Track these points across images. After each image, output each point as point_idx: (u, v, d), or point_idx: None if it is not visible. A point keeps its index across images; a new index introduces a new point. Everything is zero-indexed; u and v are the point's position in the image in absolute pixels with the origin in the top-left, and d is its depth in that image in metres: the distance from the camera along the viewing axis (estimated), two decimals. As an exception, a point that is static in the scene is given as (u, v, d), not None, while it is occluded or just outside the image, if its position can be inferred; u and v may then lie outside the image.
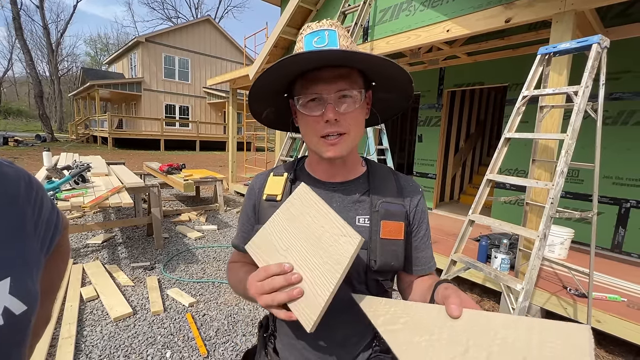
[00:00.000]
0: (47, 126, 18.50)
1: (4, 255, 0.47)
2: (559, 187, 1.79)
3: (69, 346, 1.95)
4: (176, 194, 6.38)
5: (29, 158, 10.55)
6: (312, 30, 0.64)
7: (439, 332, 0.45)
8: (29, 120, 37.05)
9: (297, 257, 0.55)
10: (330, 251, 0.53)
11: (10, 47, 38.76)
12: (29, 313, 0.48)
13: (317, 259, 0.53)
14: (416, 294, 0.71)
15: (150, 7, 45.51)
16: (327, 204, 0.59)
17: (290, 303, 0.51)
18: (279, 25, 4.74)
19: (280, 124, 0.81)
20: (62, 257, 0.69)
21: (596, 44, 1.83)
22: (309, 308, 0.50)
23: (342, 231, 0.54)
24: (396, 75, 0.64)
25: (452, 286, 0.53)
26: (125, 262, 3.24)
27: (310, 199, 0.61)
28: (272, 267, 0.54)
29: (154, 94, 17.99)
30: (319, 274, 0.51)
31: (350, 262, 0.51)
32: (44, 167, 3.87)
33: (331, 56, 0.58)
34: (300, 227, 0.58)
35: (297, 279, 0.52)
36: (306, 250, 0.55)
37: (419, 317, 0.47)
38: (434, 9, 3.17)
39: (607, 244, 3.54)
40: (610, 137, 3.38)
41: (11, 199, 0.52)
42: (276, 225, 0.61)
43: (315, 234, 0.56)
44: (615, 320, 2.08)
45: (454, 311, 0.45)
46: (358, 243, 0.51)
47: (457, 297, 0.47)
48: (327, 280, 0.50)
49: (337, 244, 0.53)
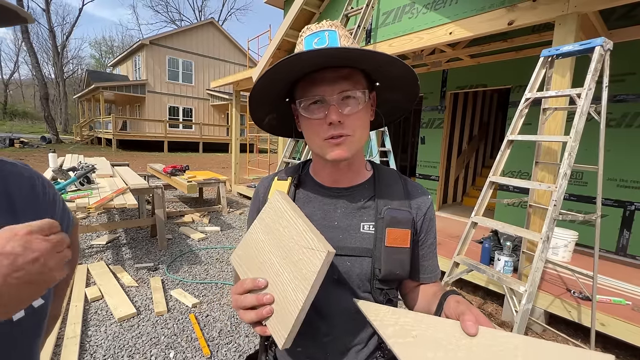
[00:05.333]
0: (52, 128, 18.66)
1: None
2: (562, 190, 1.79)
3: (74, 346, 1.97)
4: (179, 196, 6.41)
5: (35, 159, 10.64)
6: (312, 32, 0.63)
7: (454, 350, 0.42)
8: (34, 122, 37.40)
9: (272, 271, 0.53)
10: (299, 266, 0.50)
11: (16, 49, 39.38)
12: (45, 306, 0.52)
13: (288, 274, 0.50)
14: (420, 301, 0.70)
15: (154, 10, 46.02)
16: (300, 212, 0.56)
17: None
18: (282, 27, 4.77)
19: (283, 130, 0.80)
20: (72, 254, 0.70)
21: (599, 46, 1.83)
22: (281, 324, 0.48)
23: (310, 243, 0.50)
24: (401, 73, 0.62)
25: (463, 300, 0.51)
26: (129, 262, 3.26)
27: (281, 207, 0.57)
28: (247, 282, 0.53)
29: (158, 96, 18.12)
30: (290, 290, 0.49)
31: (319, 277, 0.47)
32: (50, 168, 3.91)
33: (331, 53, 0.55)
34: (274, 238, 0.56)
35: (269, 299, 0.50)
36: (279, 264, 0.53)
37: (432, 331, 0.45)
38: (437, 11, 3.18)
39: (611, 247, 3.51)
40: (614, 139, 3.37)
41: (29, 200, 0.54)
42: (253, 236, 0.59)
43: (286, 246, 0.53)
44: (620, 324, 2.07)
45: (470, 328, 0.43)
46: (325, 257, 0.47)
47: (472, 314, 0.45)
48: (297, 297, 0.47)
49: (306, 257, 0.49)
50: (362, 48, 0.53)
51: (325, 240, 0.50)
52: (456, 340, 0.43)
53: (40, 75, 19.00)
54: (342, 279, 0.66)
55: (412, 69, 0.60)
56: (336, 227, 0.68)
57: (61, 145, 16.08)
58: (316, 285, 0.48)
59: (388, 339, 0.44)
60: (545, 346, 0.40)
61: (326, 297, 0.66)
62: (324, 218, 0.69)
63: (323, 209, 0.69)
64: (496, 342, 0.41)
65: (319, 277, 0.47)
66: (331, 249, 0.48)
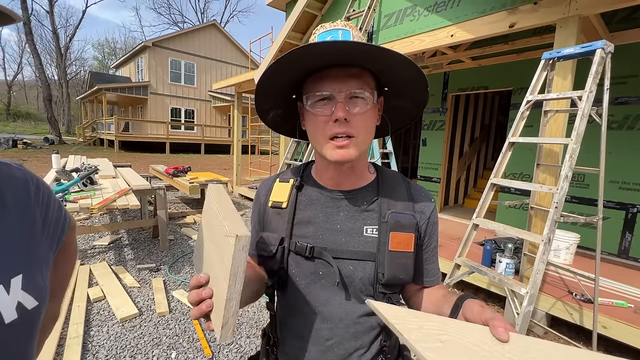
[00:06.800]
0: (55, 129, 18.77)
1: (16, 254, 0.50)
2: (563, 192, 1.80)
3: (77, 346, 1.98)
4: (181, 197, 6.43)
5: (38, 160, 10.70)
6: (326, 30, 0.62)
7: (487, 356, 0.40)
8: (38, 123, 37.62)
9: (211, 266, 0.52)
10: (222, 255, 0.48)
11: (20, 51, 39.69)
12: (39, 308, 0.51)
13: (218, 265, 0.49)
14: (427, 304, 0.69)
15: (157, 12, 46.32)
16: (227, 202, 0.55)
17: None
18: (284, 30, 4.80)
19: (286, 128, 0.79)
20: (70, 256, 0.70)
21: (600, 49, 1.84)
22: (216, 318, 0.48)
23: (226, 230, 0.47)
24: (412, 78, 0.61)
25: (485, 304, 0.50)
26: (131, 263, 3.27)
27: (211, 201, 0.56)
28: (193, 279, 0.52)
29: (160, 98, 18.20)
30: (221, 282, 0.47)
31: (236, 263, 0.44)
32: (53, 169, 3.94)
33: (343, 47, 0.54)
34: (210, 232, 0.55)
35: (207, 293, 0.49)
36: (213, 258, 0.52)
37: (461, 336, 0.43)
38: (438, 14, 3.19)
39: (613, 250, 3.50)
40: (616, 141, 3.37)
41: (21, 201, 0.54)
42: (201, 233, 0.59)
43: (215, 238, 0.52)
44: (622, 326, 2.06)
45: (503, 334, 0.41)
46: (235, 242, 0.43)
47: (502, 320, 0.43)
48: (223, 287, 0.46)
49: (225, 245, 0.47)
50: (376, 45, 0.53)
51: (243, 225, 0.47)
52: (488, 347, 0.41)
53: (44, 77, 19.14)
54: (344, 282, 0.66)
55: (423, 73, 0.59)
56: (339, 230, 0.67)
57: (64, 146, 16.16)
58: (237, 272, 0.45)
59: (415, 344, 0.41)
60: (582, 355, 0.38)
61: (328, 300, 0.66)
62: (327, 221, 0.68)
63: (325, 212, 0.69)
64: (529, 349, 0.40)
65: (236, 264, 0.44)
66: (243, 232, 0.44)
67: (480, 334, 0.43)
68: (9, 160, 0.58)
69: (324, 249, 0.66)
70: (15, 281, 0.48)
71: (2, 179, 0.53)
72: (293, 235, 0.68)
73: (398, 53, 0.54)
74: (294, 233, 0.68)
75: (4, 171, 0.54)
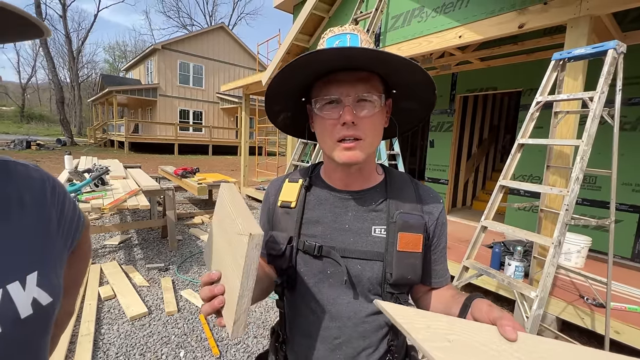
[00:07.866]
0: (67, 130, 19.16)
1: (31, 252, 0.51)
2: (574, 194, 1.77)
3: (88, 343, 2.02)
4: (190, 197, 6.50)
5: (50, 161, 10.94)
6: (334, 34, 0.63)
7: (495, 356, 0.40)
8: (50, 124, 38.44)
9: (223, 263, 0.53)
10: (235, 253, 0.49)
11: (34, 54, 40.56)
12: (53, 304, 0.52)
13: (231, 262, 0.50)
14: (436, 304, 0.69)
15: (166, 16, 46.81)
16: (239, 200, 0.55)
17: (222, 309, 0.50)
18: (292, 32, 4.83)
19: (295, 130, 0.80)
20: (84, 254, 0.72)
21: (612, 49, 1.81)
22: (227, 314, 0.48)
23: (239, 228, 0.48)
24: (419, 81, 0.62)
25: (493, 304, 0.50)
26: (141, 263, 3.32)
27: (223, 200, 0.57)
28: (205, 276, 0.53)
29: (169, 100, 18.45)
30: (232, 279, 0.48)
31: (249, 261, 0.45)
32: (66, 169, 4.02)
33: (351, 53, 0.55)
34: (222, 230, 0.56)
35: (220, 290, 0.50)
36: (225, 255, 0.53)
37: (468, 335, 0.42)
38: (446, 15, 3.18)
39: (627, 253, 3.43)
40: (629, 143, 3.30)
41: (38, 201, 0.55)
42: (212, 231, 0.60)
43: (228, 236, 0.53)
44: (635, 332, 2.02)
45: (511, 334, 0.41)
46: (249, 240, 0.44)
47: (510, 319, 0.43)
48: (235, 284, 0.47)
49: (238, 243, 0.48)
50: (384, 51, 0.54)
51: (256, 224, 0.48)
52: (496, 346, 0.41)
53: (57, 80, 19.57)
54: (352, 282, 0.66)
55: (429, 75, 0.60)
56: (347, 230, 0.68)
57: (76, 148, 16.48)
58: (250, 270, 0.46)
59: (423, 343, 0.41)
60: (592, 355, 0.38)
61: (337, 299, 0.67)
62: (335, 221, 0.69)
63: (334, 212, 0.69)
64: (538, 348, 0.40)
65: (248, 262, 0.45)
66: (257, 231, 0.45)
67: (488, 334, 0.43)
68: (26, 161, 0.59)
69: (332, 248, 0.66)
70: (30, 278, 0.49)
71: (20, 180, 0.54)
72: (301, 234, 0.69)
73: (402, 57, 0.55)
74: (302, 232, 0.69)
75: (22, 172, 0.55)
